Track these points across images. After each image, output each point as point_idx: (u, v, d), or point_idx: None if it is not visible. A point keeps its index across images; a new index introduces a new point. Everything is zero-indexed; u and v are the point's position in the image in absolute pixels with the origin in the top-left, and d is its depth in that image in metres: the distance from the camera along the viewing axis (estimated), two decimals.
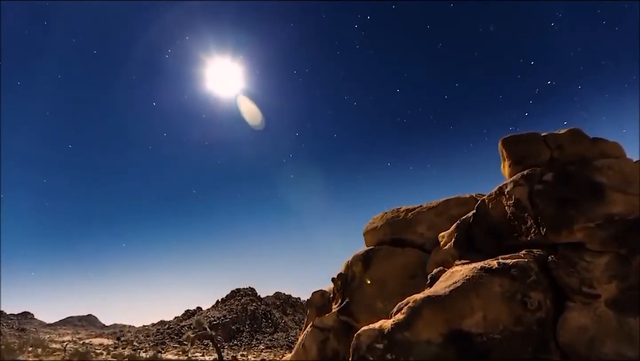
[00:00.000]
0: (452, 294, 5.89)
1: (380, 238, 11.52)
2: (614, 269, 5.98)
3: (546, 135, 8.04)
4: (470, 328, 5.61)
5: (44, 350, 29.54)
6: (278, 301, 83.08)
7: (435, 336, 5.63)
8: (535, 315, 5.72)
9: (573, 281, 5.99)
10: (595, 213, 6.33)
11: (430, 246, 9.94)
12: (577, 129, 7.95)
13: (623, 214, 6.29)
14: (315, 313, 12.40)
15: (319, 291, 13.17)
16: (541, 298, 5.86)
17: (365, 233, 12.25)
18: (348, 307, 10.79)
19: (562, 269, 6.11)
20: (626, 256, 6.01)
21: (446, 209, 10.60)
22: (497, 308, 5.74)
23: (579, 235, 6.29)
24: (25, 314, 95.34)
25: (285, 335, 67.79)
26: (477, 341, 5.53)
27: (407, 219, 11.11)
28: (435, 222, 10.43)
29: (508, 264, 6.12)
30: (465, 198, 10.64)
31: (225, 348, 55.46)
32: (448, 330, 5.64)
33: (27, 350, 26.37)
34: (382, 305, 9.45)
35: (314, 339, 11.39)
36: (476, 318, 5.67)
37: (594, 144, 7.69)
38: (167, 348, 51.35)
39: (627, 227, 6.16)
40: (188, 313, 75.26)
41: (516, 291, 5.85)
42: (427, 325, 5.72)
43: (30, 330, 68.30)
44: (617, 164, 7.00)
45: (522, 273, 5.99)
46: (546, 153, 7.78)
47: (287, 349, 51.36)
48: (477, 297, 5.82)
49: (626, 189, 6.56)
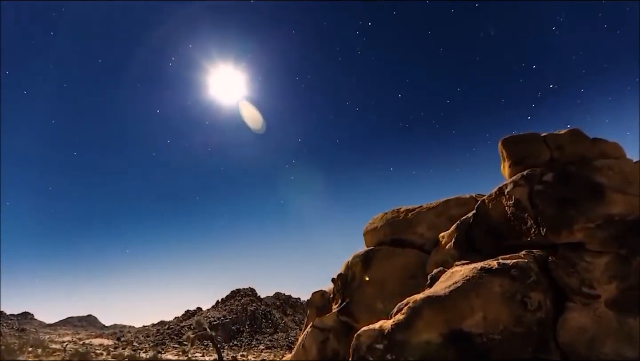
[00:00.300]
0: (452, 294, 5.89)
1: (380, 238, 11.52)
2: (614, 269, 5.98)
3: (546, 135, 8.04)
4: (471, 329, 5.61)
5: (44, 350, 29.54)
6: (278, 301, 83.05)
7: (435, 336, 5.63)
8: (535, 315, 5.72)
9: (573, 281, 6.00)
10: (595, 213, 6.33)
11: (430, 247, 9.94)
12: (577, 130, 7.95)
13: (623, 214, 6.29)
14: (315, 314, 12.40)
15: (319, 292, 13.17)
16: (541, 299, 5.86)
17: (365, 233, 12.24)
18: (348, 307, 10.78)
19: (562, 270, 6.12)
20: (626, 257, 6.01)
21: (446, 209, 10.60)
22: (497, 308, 5.74)
23: (579, 235, 6.29)
24: (25, 314, 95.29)
25: (285, 335, 67.75)
26: (477, 342, 5.52)
27: (407, 220, 11.11)
28: (435, 222, 10.43)
29: (508, 265, 6.12)
30: (465, 198, 10.64)
31: (225, 348, 55.44)
32: (448, 330, 5.64)
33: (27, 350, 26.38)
34: (382, 305, 9.44)
35: (314, 339, 11.38)
36: (476, 319, 5.67)
37: (594, 145, 7.69)
38: (167, 348, 51.33)
39: (627, 227, 6.16)
40: (188, 313, 75.23)
41: (516, 291, 5.85)
42: (427, 325, 5.72)
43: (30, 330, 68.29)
44: (617, 164, 7.01)
45: (522, 274, 5.99)
46: (546, 153, 7.78)
47: (287, 349, 51.35)
48: (477, 297, 5.82)
49: (626, 190, 6.57)
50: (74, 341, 48.93)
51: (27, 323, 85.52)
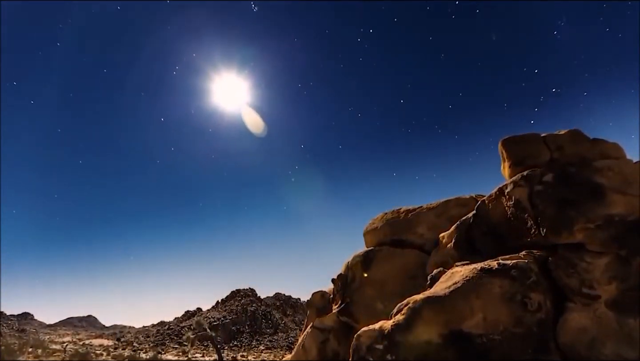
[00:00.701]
0: (452, 295, 5.89)
1: (380, 239, 11.51)
2: (614, 270, 5.98)
3: (546, 136, 8.04)
4: (470, 329, 5.61)
5: (44, 350, 29.54)
6: (278, 302, 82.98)
7: (435, 337, 5.63)
8: (535, 316, 5.72)
9: (573, 282, 5.99)
10: (595, 214, 6.33)
11: (430, 247, 9.93)
12: (577, 130, 7.95)
13: (623, 215, 6.29)
14: (315, 314, 12.39)
15: (319, 292, 13.17)
16: (541, 299, 5.85)
17: (365, 234, 12.24)
18: (348, 308, 10.78)
19: (562, 270, 6.11)
20: (626, 257, 6.01)
21: (446, 209, 10.60)
22: (497, 309, 5.74)
23: (579, 236, 6.29)
24: (25, 315, 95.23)
25: (285, 335, 67.69)
26: (477, 342, 5.52)
27: (407, 220, 11.11)
28: (435, 223, 10.43)
29: (508, 265, 6.11)
30: (465, 198, 10.64)
31: (225, 349, 55.40)
32: (448, 330, 5.63)
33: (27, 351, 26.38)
34: (382, 305, 9.44)
35: (314, 340, 11.38)
36: (476, 319, 5.66)
37: (594, 145, 7.69)
38: (167, 348, 51.29)
39: (627, 228, 6.16)
40: (188, 313, 75.17)
41: (516, 292, 5.85)
42: (427, 325, 5.71)
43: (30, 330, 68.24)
44: (617, 165, 7.00)
45: (522, 274, 5.99)
46: (546, 154, 7.78)
47: (287, 350, 51.32)
48: (477, 298, 5.81)
49: (626, 190, 6.56)
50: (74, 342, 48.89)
51: (27, 323, 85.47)
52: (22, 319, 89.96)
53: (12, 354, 22.18)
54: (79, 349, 36.14)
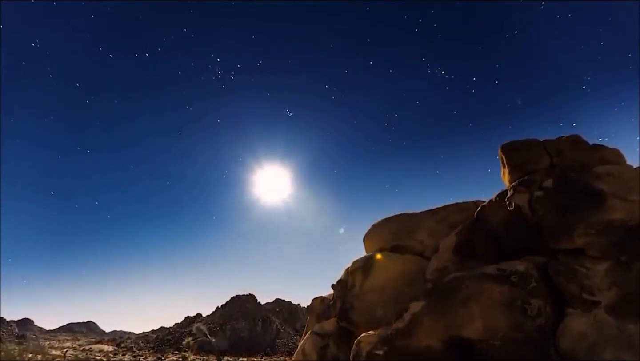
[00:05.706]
0: (452, 301, 5.88)
1: (381, 245, 11.49)
2: (614, 275, 5.97)
3: (546, 141, 8.06)
4: (470, 335, 5.60)
5: (44, 356, 29.41)
6: (278, 307, 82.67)
7: (435, 342, 5.62)
8: (535, 322, 5.71)
9: (573, 287, 5.98)
10: (596, 220, 6.33)
11: (430, 253, 9.91)
12: (576, 136, 7.97)
13: (623, 220, 6.29)
14: (315, 320, 12.35)
15: (319, 298, 13.13)
16: (541, 305, 5.84)
17: (366, 240, 12.22)
18: (348, 313, 10.74)
19: (562, 276, 6.10)
20: (626, 263, 6.00)
21: (446, 215, 10.59)
22: (497, 314, 5.73)
23: (579, 242, 6.29)
24: (25, 320, 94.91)
25: (285, 341, 67.33)
26: (477, 348, 5.51)
27: (407, 226, 11.10)
28: (435, 228, 10.41)
29: (508, 271, 6.11)
30: (466, 204, 10.62)
31: (224, 355, 55.08)
32: (448, 336, 5.63)
33: (27, 357, 26.27)
34: (382, 311, 9.40)
35: (313, 345, 11.33)
36: (476, 325, 5.66)
37: (593, 151, 7.70)
38: (167, 354, 51.04)
39: (627, 233, 6.15)
40: (188, 319, 74.74)
41: (516, 297, 5.84)
42: (427, 331, 5.71)
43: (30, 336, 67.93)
44: (617, 170, 7.01)
45: (522, 280, 5.98)
46: (546, 159, 7.80)
47: (287, 355, 51.02)
48: (477, 304, 5.81)
49: (626, 196, 6.56)
50: (74, 348, 48.67)
51: (27, 329, 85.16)
52: (22, 325, 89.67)
53: (12, 360, 22.08)
54: (79, 355, 36.00)
